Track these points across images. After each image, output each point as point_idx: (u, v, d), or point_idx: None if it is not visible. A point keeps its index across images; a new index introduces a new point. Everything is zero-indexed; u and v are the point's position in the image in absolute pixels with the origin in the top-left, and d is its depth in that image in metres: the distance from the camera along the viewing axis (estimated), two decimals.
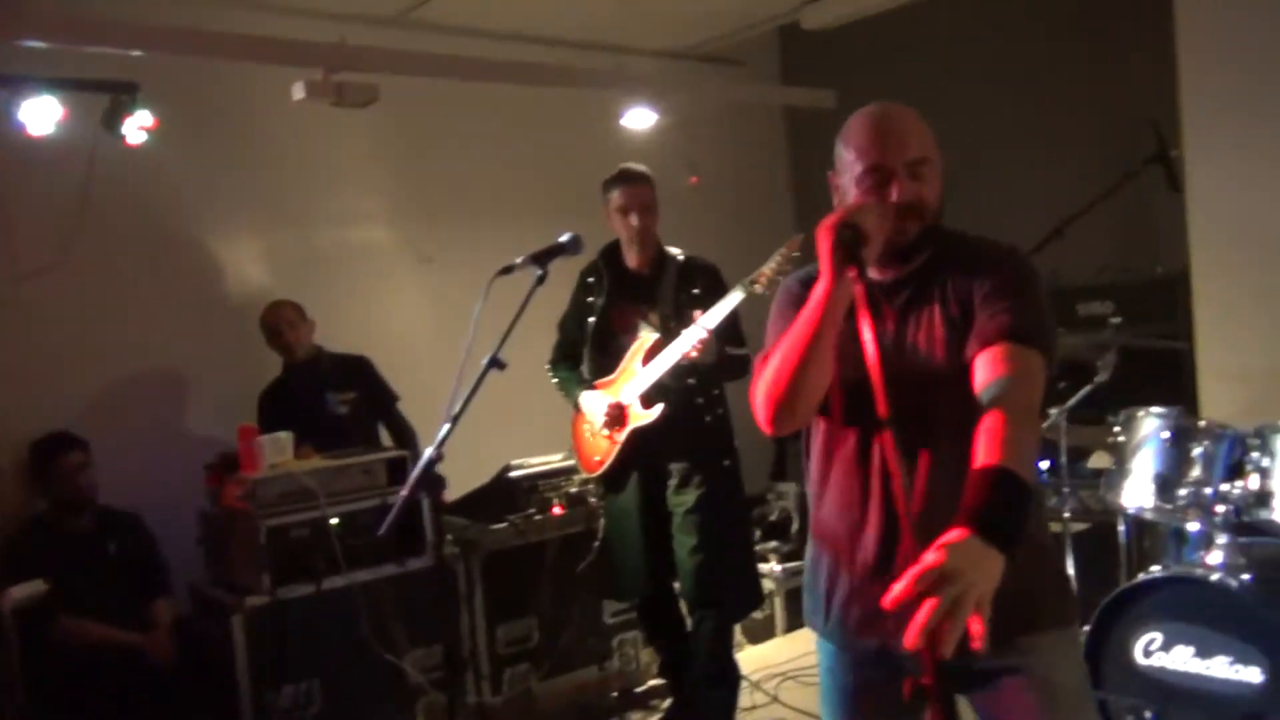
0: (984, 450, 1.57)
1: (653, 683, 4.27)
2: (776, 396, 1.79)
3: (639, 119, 5.12)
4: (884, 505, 1.81)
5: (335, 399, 4.30)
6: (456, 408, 2.35)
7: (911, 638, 1.29)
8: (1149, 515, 3.29)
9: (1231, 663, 2.85)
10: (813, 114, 5.91)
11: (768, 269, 3.27)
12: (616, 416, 3.57)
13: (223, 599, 3.57)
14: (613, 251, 3.72)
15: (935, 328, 1.81)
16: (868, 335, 1.53)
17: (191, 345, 4.44)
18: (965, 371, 1.75)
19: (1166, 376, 4.09)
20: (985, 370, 1.70)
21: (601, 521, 3.99)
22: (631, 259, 3.69)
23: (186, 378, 4.48)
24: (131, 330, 4.31)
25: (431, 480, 2.37)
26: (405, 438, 4.35)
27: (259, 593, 3.47)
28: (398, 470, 3.78)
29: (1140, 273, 4.55)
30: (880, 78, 5.37)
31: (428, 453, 2.35)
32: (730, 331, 3.45)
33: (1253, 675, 2.80)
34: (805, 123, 6.30)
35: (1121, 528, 3.61)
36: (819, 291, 1.72)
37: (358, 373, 4.41)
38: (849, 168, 1.83)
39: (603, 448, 3.65)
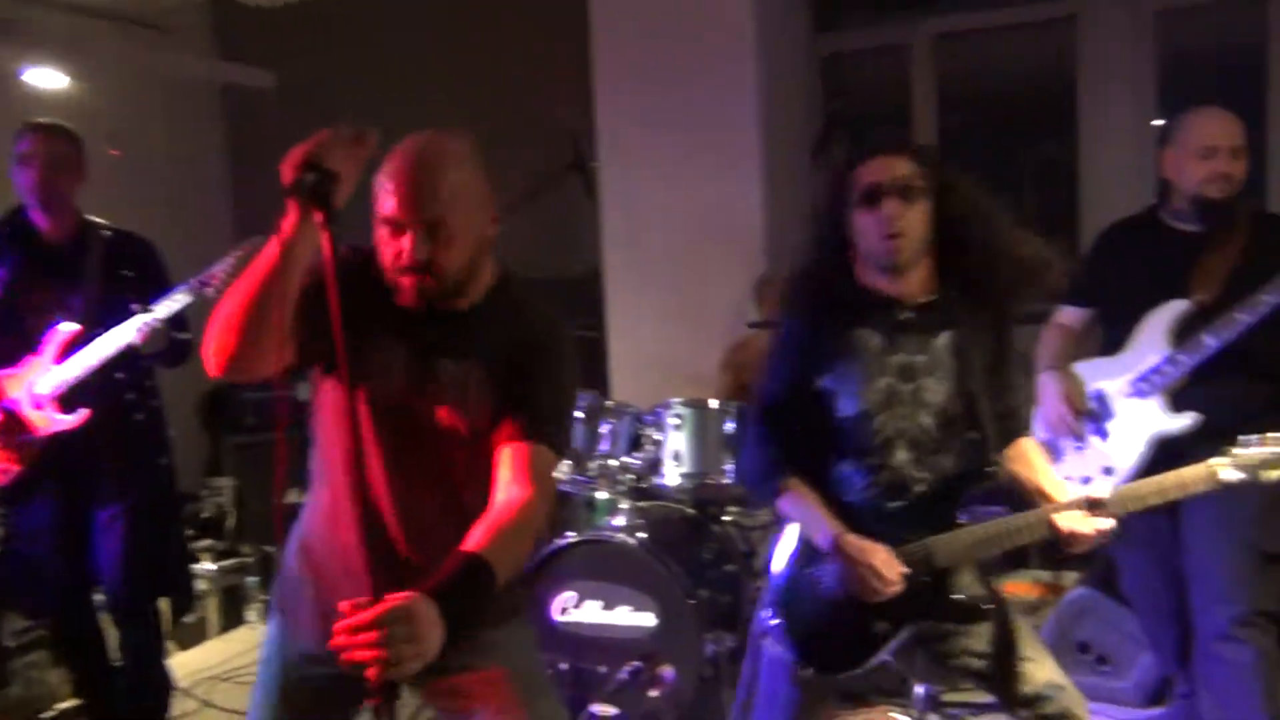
0: (481, 531, 1.64)
1: (64, 705, 3.85)
2: (229, 329, 1.66)
3: (44, 78, 4.57)
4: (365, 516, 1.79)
5: None
6: None
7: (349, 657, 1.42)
8: (566, 488, 3.63)
9: (632, 610, 3.25)
10: (253, 94, 5.68)
11: (220, 271, 3.11)
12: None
13: None
14: (22, 215, 3.25)
15: (471, 387, 1.82)
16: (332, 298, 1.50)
17: None
18: (479, 433, 1.80)
19: (584, 363, 4.55)
20: (507, 469, 1.75)
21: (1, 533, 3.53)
22: (45, 224, 3.24)
23: None
24: None
25: None
26: None
27: None
28: None
29: (562, 270, 5.00)
30: (321, 62, 5.22)
31: None
32: (173, 316, 3.22)
33: (648, 620, 3.23)
34: (245, 103, 5.98)
35: None
36: (282, 229, 1.62)
37: None
38: (377, 203, 1.74)
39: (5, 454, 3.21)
